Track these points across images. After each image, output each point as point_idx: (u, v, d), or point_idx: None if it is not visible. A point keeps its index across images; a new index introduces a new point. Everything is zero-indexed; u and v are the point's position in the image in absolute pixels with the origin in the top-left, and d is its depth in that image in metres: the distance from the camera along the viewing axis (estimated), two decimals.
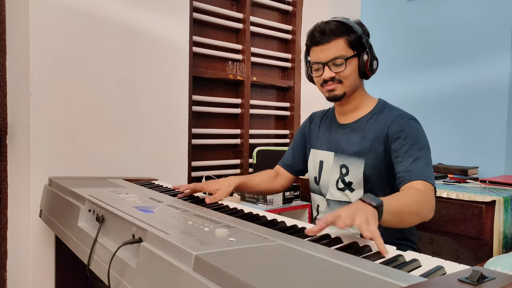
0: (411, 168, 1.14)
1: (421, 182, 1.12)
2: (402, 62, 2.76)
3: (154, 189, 1.47)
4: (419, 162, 1.15)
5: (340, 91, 1.25)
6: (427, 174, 1.14)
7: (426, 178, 1.12)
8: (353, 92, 1.28)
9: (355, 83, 1.27)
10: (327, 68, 1.23)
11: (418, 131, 1.21)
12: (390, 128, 1.21)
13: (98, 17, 1.72)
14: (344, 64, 1.22)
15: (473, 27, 2.41)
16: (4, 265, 1.69)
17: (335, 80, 1.24)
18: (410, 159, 1.16)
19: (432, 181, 1.14)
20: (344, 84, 1.24)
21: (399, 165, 1.17)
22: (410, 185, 1.13)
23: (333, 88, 1.25)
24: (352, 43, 1.23)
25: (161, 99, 1.95)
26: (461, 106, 2.46)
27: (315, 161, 1.39)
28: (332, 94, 1.26)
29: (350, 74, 1.23)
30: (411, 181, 1.13)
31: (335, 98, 1.27)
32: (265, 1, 2.66)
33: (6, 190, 1.69)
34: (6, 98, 1.68)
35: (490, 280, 0.58)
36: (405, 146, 1.18)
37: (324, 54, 1.23)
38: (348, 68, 1.23)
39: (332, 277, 0.61)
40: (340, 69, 1.22)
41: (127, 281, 0.81)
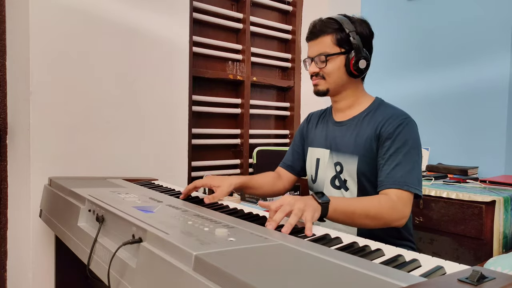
0: (390, 175, 1.16)
1: (395, 191, 1.15)
2: (402, 62, 2.76)
3: (154, 189, 1.47)
4: (400, 168, 1.16)
5: (323, 87, 1.29)
6: (406, 181, 1.15)
7: (402, 186, 1.14)
8: (340, 90, 1.30)
9: (341, 81, 1.28)
10: (313, 63, 1.28)
11: (408, 134, 1.20)
12: (383, 128, 1.22)
13: (98, 17, 1.72)
14: (325, 61, 1.25)
15: (473, 27, 2.41)
16: (4, 265, 1.69)
17: (318, 75, 1.29)
18: (392, 164, 1.17)
19: (410, 187, 1.15)
20: (327, 80, 1.28)
21: (381, 169, 1.19)
22: (384, 192, 1.17)
23: (316, 83, 1.30)
24: (340, 40, 1.24)
25: (161, 99, 1.95)
26: (461, 106, 2.47)
27: (312, 159, 1.40)
28: (315, 88, 1.32)
29: (332, 71, 1.26)
30: (387, 189, 1.16)
31: (318, 93, 1.31)
32: (265, 1, 2.67)
33: (6, 190, 1.69)
34: (6, 98, 1.68)
35: (490, 280, 0.58)
36: (390, 149, 1.19)
37: (312, 50, 1.29)
38: (330, 65, 1.25)
39: (332, 277, 0.61)
40: (322, 65, 1.26)
41: (127, 281, 0.81)
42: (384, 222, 1.12)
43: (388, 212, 1.11)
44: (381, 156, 1.20)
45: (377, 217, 1.10)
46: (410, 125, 1.22)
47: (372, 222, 1.12)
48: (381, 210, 1.11)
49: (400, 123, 1.20)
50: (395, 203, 1.13)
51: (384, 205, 1.12)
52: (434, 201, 1.95)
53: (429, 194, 1.96)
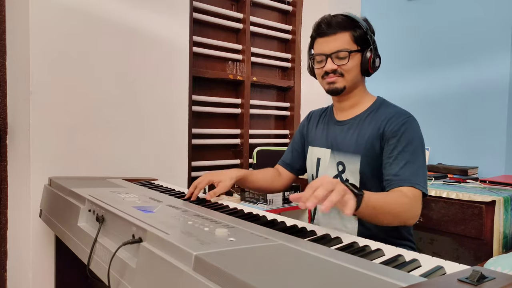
0: (401, 173, 1.15)
1: (409, 188, 1.13)
2: (402, 62, 2.76)
3: (154, 189, 1.47)
4: (410, 166, 1.15)
5: (340, 84, 1.25)
6: (416, 179, 1.14)
7: (414, 184, 1.13)
8: (353, 88, 1.29)
9: (356, 79, 1.27)
10: (330, 60, 1.23)
11: (413, 132, 1.19)
12: (386, 127, 1.21)
13: (98, 17, 1.72)
14: (347, 57, 1.22)
15: (473, 27, 2.41)
16: (4, 265, 1.69)
17: (336, 72, 1.24)
18: (401, 163, 1.16)
19: (421, 186, 1.14)
20: (345, 77, 1.25)
21: (389, 167, 1.18)
22: (397, 189, 1.14)
23: (333, 81, 1.25)
24: (357, 38, 1.23)
25: (161, 99, 1.95)
26: (461, 106, 2.47)
27: (313, 158, 1.39)
28: (332, 86, 1.26)
29: (352, 68, 1.24)
30: (399, 187, 1.14)
31: (335, 91, 1.27)
32: (265, 1, 2.67)
33: (6, 190, 1.69)
34: (6, 98, 1.68)
35: (490, 280, 0.58)
36: (397, 148, 1.17)
37: (328, 46, 1.24)
38: (351, 62, 1.23)
39: (332, 277, 0.61)
40: (342, 62, 1.23)
41: (127, 281, 0.81)
42: (402, 220, 1.10)
43: (406, 210, 1.09)
44: (388, 155, 1.19)
45: (398, 215, 1.08)
46: (414, 123, 1.22)
47: (393, 219, 1.09)
48: (401, 208, 1.08)
49: (404, 122, 1.20)
50: (411, 201, 1.11)
51: (403, 202, 1.09)
52: (434, 201, 1.95)
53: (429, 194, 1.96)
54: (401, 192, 1.12)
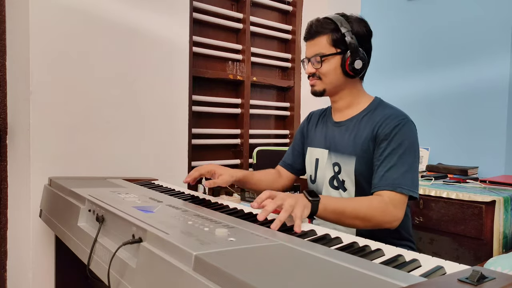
0: (385, 177, 1.16)
1: (388, 192, 1.14)
2: (402, 62, 2.76)
3: (154, 189, 1.47)
4: (395, 169, 1.15)
5: (319, 87, 1.29)
6: (400, 183, 1.14)
7: (395, 188, 1.14)
8: (338, 90, 1.30)
9: (337, 81, 1.27)
10: (310, 63, 1.28)
11: (405, 135, 1.19)
12: (380, 129, 1.21)
13: (98, 17, 1.72)
14: (320, 62, 1.25)
15: (473, 27, 2.41)
16: (4, 265, 1.69)
17: (315, 76, 1.29)
18: (387, 166, 1.16)
19: (405, 190, 1.14)
20: (323, 80, 1.28)
21: (376, 170, 1.19)
22: (377, 193, 1.16)
23: (313, 84, 1.31)
24: (335, 41, 1.24)
25: (161, 99, 1.95)
26: (461, 106, 2.47)
27: (312, 159, 1.40)
28: (312, 89, 1.32)
29: (328, 71, 1.26)
30: (380, 190, 1.15)
31: (315, 93, 1.32)
32: (265, 1, 2.67)
33: (6, 190, 1.69)
34: (6, 98, 1.68)
35: (490, 280, 0.58)
36: (386, 150, 1.18)
37: (308, 50, 1.30)
38: (326, 66, 1.25)
39: (332, 277, 0.61)
40: (318, 66, 1.26)
41: (127, 281, 0.81)
42: (374, 223, 1.12)
43: (378, 214, 1.11)
44: (377, 158, 1.20)
45: (366, 218, 1.11)
46: (408, 126, 1.20)
47: (362, 223, 1.12)
48: (372, 212, 1.11)
49: (397, 124, 1.19)
50: (387, 205, 1.12)
51: (375, 206, 1.12)
52: (434, 201, 1.95)
53: (429, 194, 1.96)
54: (377, 196, 1.15)
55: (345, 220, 1.11)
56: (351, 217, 1.10)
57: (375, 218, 1.11)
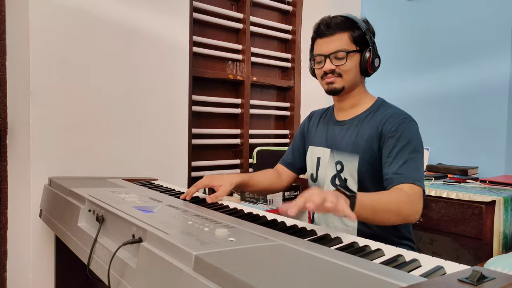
0: (401, 171, 1.15)
1: (409, 185, 1.13)
2: (402, 62, 2.76)
3: (154, 189, 1.47)
4: (409, 164, 1.16)
5: (339, 85, 1.27)
6: (416, 177, 1.14)
7: (414, 181, 1.14)
8: (352, 88, 1.29)
9: (355, 79, 1.27)
10: (329, 60, 1.25)
11: (412, 132, 1.20)
12: (384, 127, 1.21)
13: (98, 17, 1.72)
14: (345, 58, 1.23)
15: (473, 27, 2.41)
16: (4, 265, 1.69)
17: (335, 73, 1.25)
18: (400, 161, 1.16)
19: (421, 183, 1.15)
20: (343, 78, 1.26)
21: (389, 166, 1.18)
22: (397, 187, 1.15)
23: (332, 81, 1.26)
24: (356, 38, 1.24)
25: (161, 99, 1.95)
26: (461, 106, 2.47)
27: (313, 157, 1.40)
28: (331, 87, 1.27)
29: (350, 68, 1.25)
30: (399, 184, 1.15)
31: (334, 91, 1.28)
32: (265, 1, 2.67)
33: (6, 190, 1.69)
34: (6, 98, 1.68)
35: (490, 280, 0.58)
36: (396, 147, 1.18)
37: (327, 47, 1.25)
38: (349, 62, 1.24)
39: (332, 277, 0.61)
40: (341, 62, 1.24)
41: (127, 281, 0.81)
42: (403, 217, 1.10)
43: (406, 207, 1.10)
44: (387, 154, 1.19)
45: (398, 212, 1.09)
46: (412, 123, 1.22)
47: (394, 217, 1.09)
48: (402, 205, 1.09)
49: (402, 122, 1.20)
50: (411, 197, 1.11)
51: (403, 200, 1.10)
52: (434, 201, 1.95)
53: (429, 194, 1.96)
54: (400, 190, 1.13)
55: (378, 216, 1.06)
56: (384, 212, 1.06)
57: (404, 212, 1.09)
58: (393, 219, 1.10)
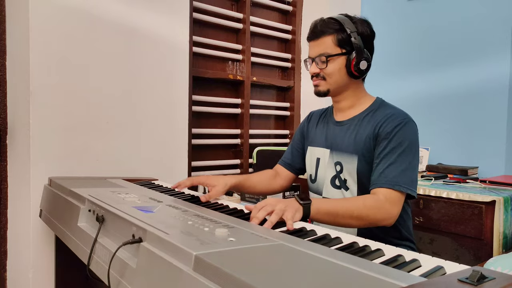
0: (383, 174, 1.16)
1: (385, 190, 1.15)
2: (402, 62, 2.76)
3: (154, 189, 1.47)
4: (393, 167, 1.16)
5: (323, 88, 1.29)
6: (398, 180, 1.15)
7: (393, 186, 1.14)
8: (341, 90, 1.30)
9: (341, 81, 1.28)
10: (314, 63, 1.28)
11: (405, 134, 1.20)
12: (381, 128, 1.22)
13: (98, 17, 1.72)
14: (326, 62, 1.25)
15: (473, 27, 2.41)
16: (4, 265, 1.69)
17: (319, 76, 1.28)
18: (385, 164, 1.17)
19: (402, 187, 1.15)
20: (327, 81, 1.27)
21: (375, 168, 1.20)
22: (374, 191, 1.17)
23: (317, 84, 1.30)
24: (341, 41, 1.24)
25: (161, 99, 1.95)
26: (461, 106, 2.47)
27: (312, 158, 1.40)
28: (316, 89, 1.31)
29: (333, 71, 1.26)
30: (377, 187, 1.16)
31: (319, 93, 1.31)
32: (265, 1, 2.66)
33: (6, 190, 1.68)
34: (6, 98, 1.68)
35: (490, 280, 0.58)
36: (386, 149, 1.19)
37: (313, 50, 1.29)
38: (331, 66, 1.25)
39: (332, 277, 0.61)
40: (323, 66, 1.26)
41: (127, 281, 0.81)
42: (369, 222, 1.13)
43: (373, 213, 1.12)
44: (376, 155, 1.21)
45: (361, 217, 1.11)
46: (409, 125, 1.21)
47: (356, 222, 1.13)
48: (366, 211, 1.11)
49: (398, 123, 1.20)
50: (382, 203, 1.13)
51: (369, 205, 1.12)
52: (434, 201, 1.95)
53: (429, 194, 1.96)
54: (371, 195, 1.16)
55: (339, 220, 1.11)
56: (345, 217, 1.11)
57: (369, 217, 1.12)
58: (355, 224, 1.14)
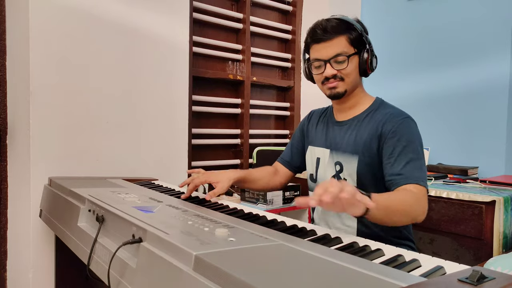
0: (403, 171, 1.15)
1: (413, 185, 1.13)
2: (402, 62, 2.76)
3: (154, 189, 1.47)
4: (412, 165, 1.15)
5: (341, 89, 1.25)
6: (419, 176, 1.14)
7: (418, 181, 1.13)
8: (353, 90, 1.29)
9: (356, 81, 1.27)
10: (329, 65, 1.23)
11: (412, 132, 1.20)
12: (384, 127, 1.21)
13: (98, 17, 1.72)
14: (346, 62, 1.22)
15: (473, 27, 2.41)
16: (4, 265, 1.69)
17: (336, 77, 1.24)
18: (402, 162, 1.16)
19: (424, 183, 1.14)
20: (345, 81, 1.25)
21: (391, 167, 1.17)
22: (402, 188, 1.14)
23: (335, 86, 1.25)
24: (353, 40, 1.23)
25: (161, 99, 1.95)
26: (461, 106, 2.47)
27: (313, 158, 1.40)
28: (334, 91, 1.26)
29: (351, 71, 1.24)
30: (404, 185, 1.14)
31: (337, 95, 1.27)
32: (265, 1, 2.66)
33: (6, 190, 1.68)
34: (6, 98, 1.68)
35: (490, 280, 0.58)
36: (397, 147, 1.18)
37: (325, 51, 1.23)
38: (350, 66, 1.23)
39: (332, 277, 0.61)
40: (342, 67, 1.23)
41: (127, 281, 0.81)
42: (412, 217, 1.11)
43: (414, 207, 1.10)
44: (388, 155, 1.19)
45: (408, 213, 1.08)
46: (412, 123, 1.22)
47: (404, 218, 1.09)
48: (410, 205, 1.09)
49: (401, 121, 1.20)
50: (418, 196, 1.11)
51: (410, 199, 1.10)
52: (434, 201, 1.95)
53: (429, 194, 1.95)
54: (406, 190, 1.12)
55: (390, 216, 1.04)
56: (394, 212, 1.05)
57: (414, 211, 1.09)
58: (404, 220, 1.11)
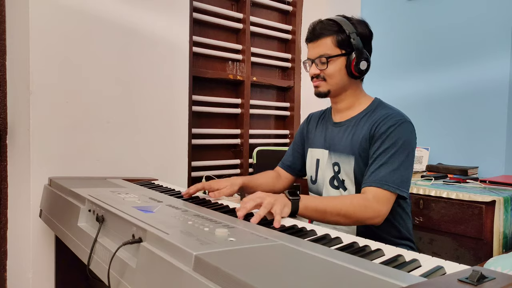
0: (374, 173, 1.17)
1: (373, 189, 1.16)
2: (402, 62, 2.76)
3: (154, 189, 1.47)
4: (385, 167, 1.16)
5: (323, 88, 1.29)
6: (387, 180, 1.15)
7: (382, 185, 1.15)
8: (341, 91, 1.30)
9: (342, 82, 1.28)
10: (314, 65, 1.28)
11: (400, 135, 1.19)
12: (376, 129, 1.22)
13: (98, 17, 1.72)
14: (326, 63, 1.25)
15: (473, 27, 2.41)
16: (4, 265, 1.69)
17: (319, 77, 1.29)
18: (378, 163, 1.18)
19: (390, 187, 1.15)
20: (328, 82, 1.28)
21: (368, 168, 1.20)
22: (364, 190, 1.18)
23: (317, 85, 1.30)
24: (340, 42, 1.24)
25: (161, 99, 1.95)
26: (461, 106, 2.47)
27: (312, 159, 1.40)
28: (316, 90, 1.32)
29: (333, 72, 1.26)
30: (367, 187, 1.17)
31: (319, 94, 1.31)
32: (265, 1, 2.66)
33: (6, 190, 1.69)
34: (6, 98, 1.68)
35: (490, 280, 0.58)
36: (379, 149, 1.19)
37: (312, 51, 1.29)
38: (331, 67, 1.25)
39: (332, 277, 0.61)
40: (323, 67, 1.26)
41: (127, 281, 0.81)
42: (356, 219, 1.14)
43: (359, 210, 1.13)
44: (370, 156, 1.22)
45: (348, 215, 1.12)
46: (404, 126, 1.21)
47: (344, 220, 1.13)
48: (353, 209, 1.12)
49: (393, 124, 1.20)
50: (369, 202, 1.14)
51: (356, 203, 1.13)
52: (434, 201, 1.95)
53: (429, 194, 1.96)
54: (360, 194, 1.17)
55: (327, 217, 1.13)
56: (333, 215, 1.12)
57: (356, 214, 1.13)
58: (343, 221, 1.14)
